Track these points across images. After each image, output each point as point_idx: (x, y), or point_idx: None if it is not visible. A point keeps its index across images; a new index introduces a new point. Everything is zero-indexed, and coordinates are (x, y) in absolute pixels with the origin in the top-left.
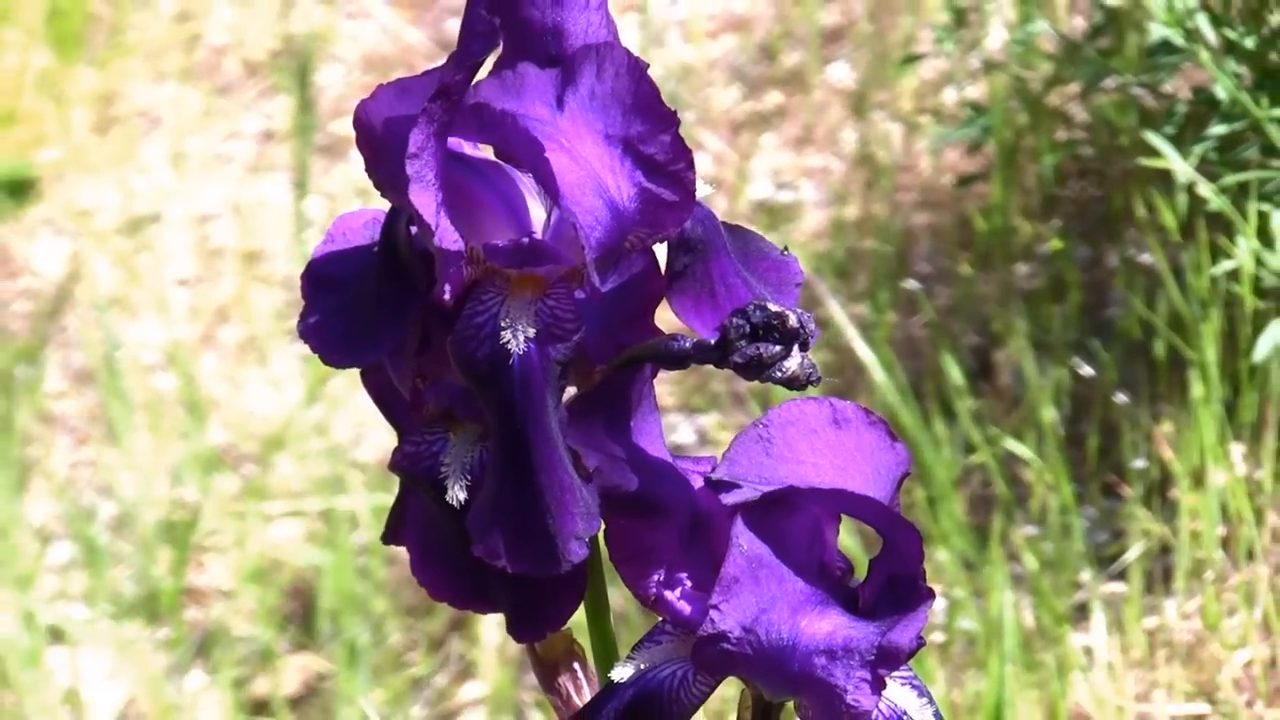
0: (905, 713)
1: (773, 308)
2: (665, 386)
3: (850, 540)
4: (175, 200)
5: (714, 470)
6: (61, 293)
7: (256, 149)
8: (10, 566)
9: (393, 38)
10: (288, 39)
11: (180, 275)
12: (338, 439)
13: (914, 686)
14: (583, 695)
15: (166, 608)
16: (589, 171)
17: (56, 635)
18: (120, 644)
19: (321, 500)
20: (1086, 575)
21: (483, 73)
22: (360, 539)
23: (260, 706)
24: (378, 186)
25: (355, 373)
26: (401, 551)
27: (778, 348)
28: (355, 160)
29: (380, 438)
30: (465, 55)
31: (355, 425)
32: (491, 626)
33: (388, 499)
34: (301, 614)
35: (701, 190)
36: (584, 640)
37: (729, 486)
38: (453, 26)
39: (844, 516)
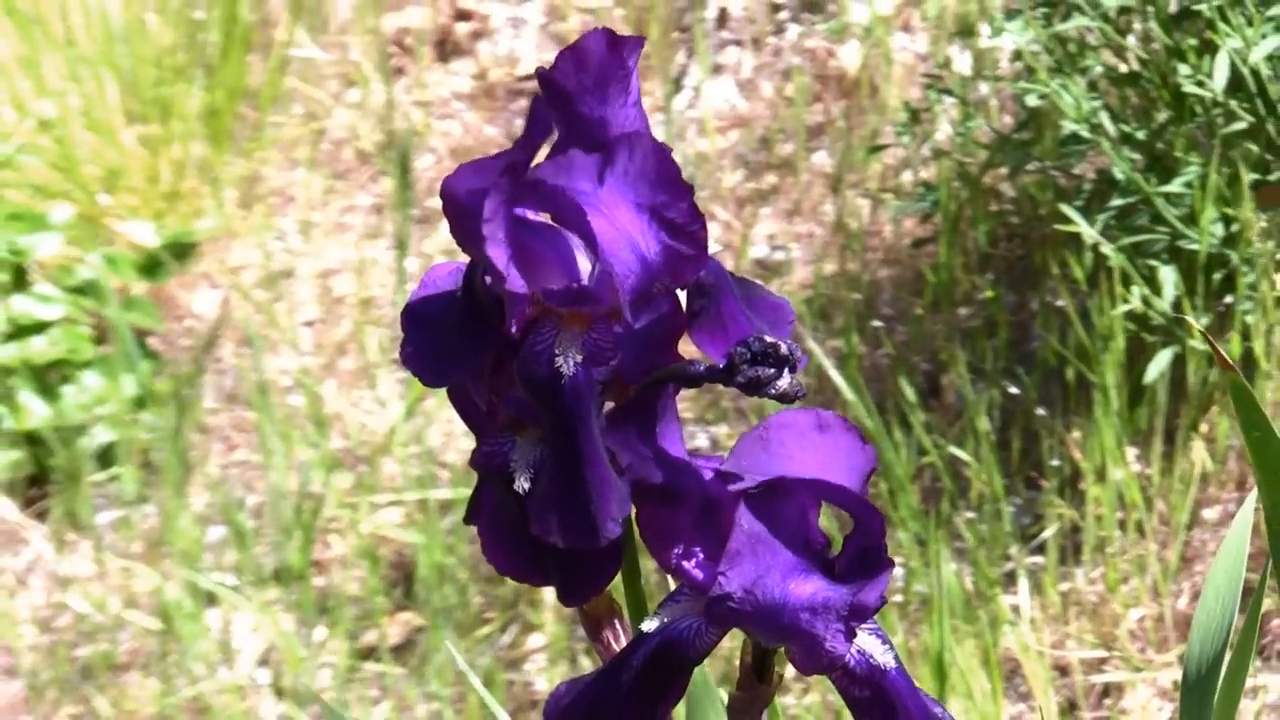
0: (871, 655)
1: (769, 339)
2: (685, 404)
3: (828, 522)
4: (304, 260)
5: (722, 464)
6: (215, 332)
7: (367, 220)
8: (176, 545)
9: (474, 133)
10: (391, 134)
11: (308, 318)
12: (430, 445)
13: (878, 636)
14: (620, 643)
15: (297, 576)
16: (623, 232)
17: (212, 599)
18: (261, 605)
19: (417, 493)
20: (1014, 550)
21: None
22: (448, 524)
23: (369, 653)
24: (459, 244)
25: (444, 394)
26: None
27: (772, 370)
28: (444, 229)
29: (462, 444)
30: (528, 141)
31: (443, 435)
32: (550, 592)
33: (469, 492)
34: (402, 582)
35: (711, 248)
36: (621, 600)
37: (734, 477)
38: (520, 125)
39: (824, 502)
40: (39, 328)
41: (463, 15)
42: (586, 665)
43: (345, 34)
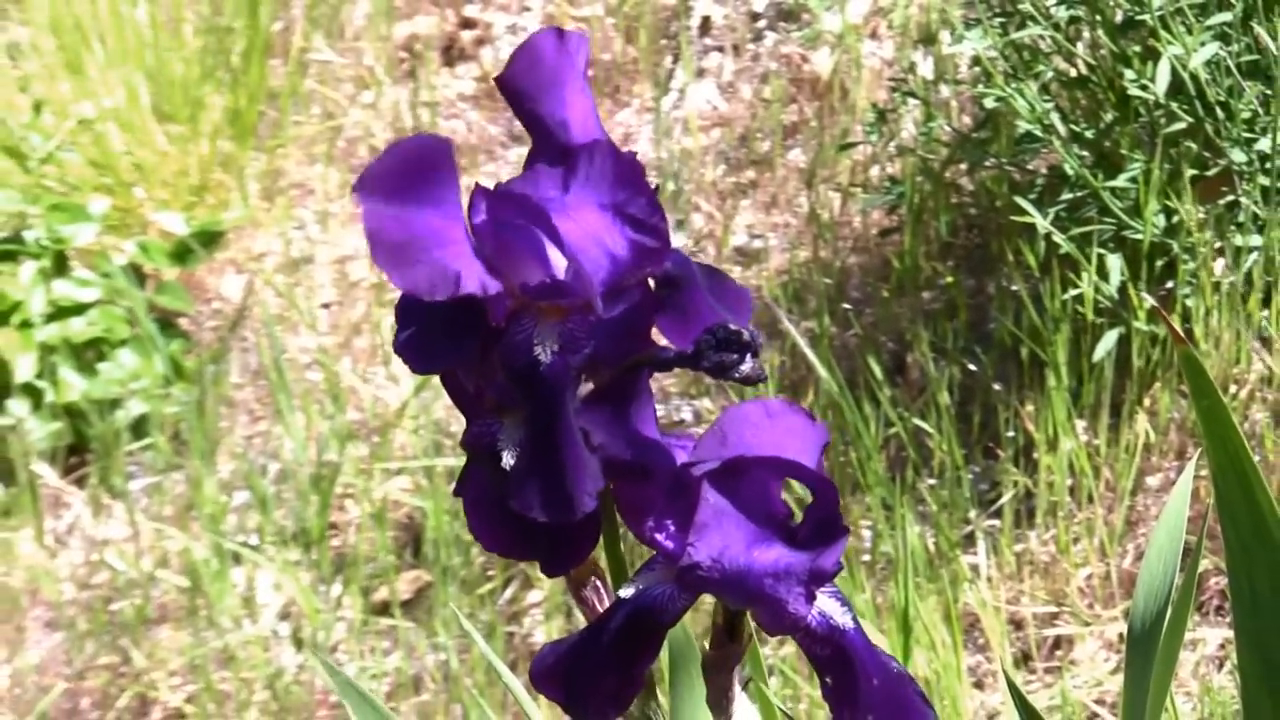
0: (831, 617)
1: (732, 327)
2: (671, 380)
3: (788, 497)
4: (322, 247)
5: (688, 455)
6: (240, 313)
7: None
8: (204, 509)
9: (477, 132)
10: (401, 133)
11: (325, 300)
12: (437, 418)
13: (837, 598)
14: (602, 602)
15: (315, 538)
16: (589, 231)
17: (237, 559)
18: (282, 564)
19: (425, 462)
20: (973, 514)
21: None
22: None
23: (382, 608)
24: None
25: None
26: None
27: (735, 355)
28: None
29: None
30: None
31: (448, 409)
32: None
33: None
34: (412, 543)
35: (695, 237)
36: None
37: (698, 465)
38: (519, 125)
39: (783, 479)
40: (78, 309)
41: (467, 23)
42: (580, 620)
43: (359, 40)
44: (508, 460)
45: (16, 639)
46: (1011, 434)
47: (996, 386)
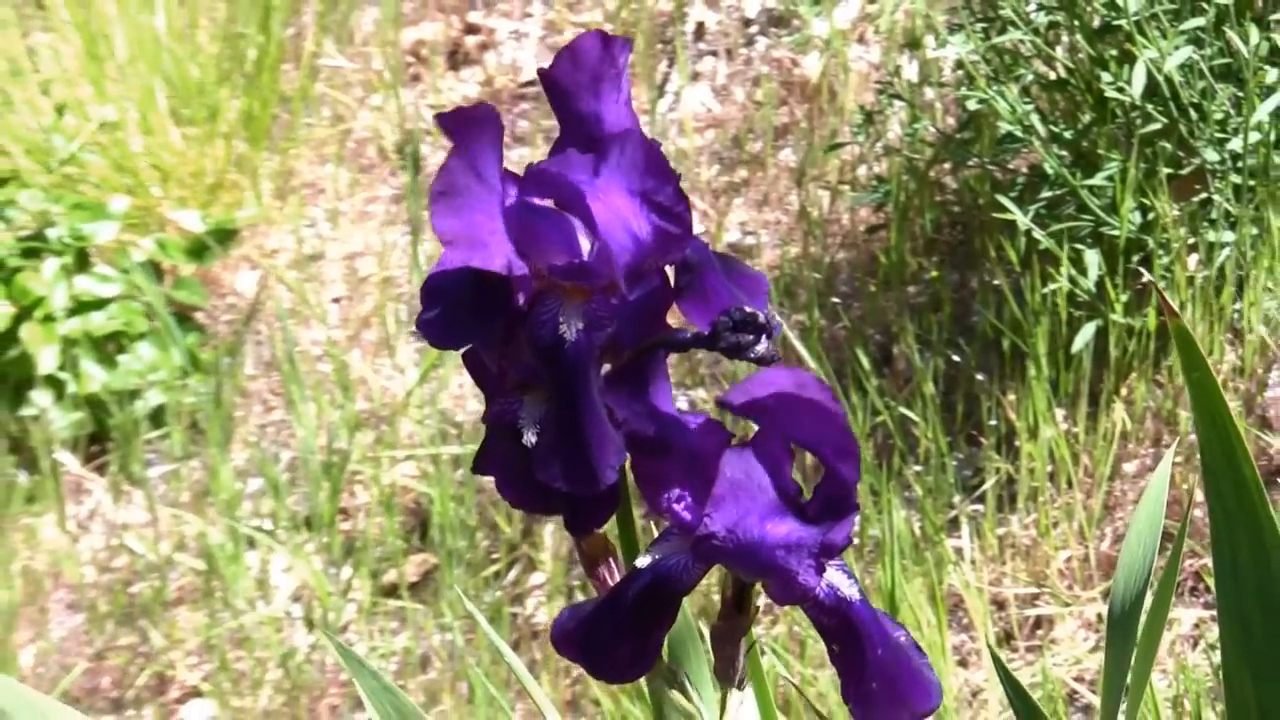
0: (839, 589)
1: (748, 309)
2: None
3: (798, 475)
4: (332, 244)
5: (728, 396)
6: (254, 308)
7: (388, 209)
8: (219, 495)
9: None
10: (408, 134)
11: (335, 295)
12: (442, 407)
13: (844, 571)
14: (615, 578)
15: (325, 523)
16: (618, 214)
17: (251, 543)
18: (294, 547)
19: (431, 449)
20: (957, 499)
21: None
22: (458, 476)
23: (390, 589)
24: None
25: (455, 362)
26: (486, 482)
27: (751, 336)
28: None
29: (470, 406)
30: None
31: (453, 399)
32: (549, 536)
33: (475, 448)
34: (419, 527)
35: (695, 229)
36: (615, 541)
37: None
38: (522, 125)
39: (801, 445)
40: (99, 304)
41: (471, 29)
42: (581, 600)
43: (368, 46)
44: (528, 437)
45: (40, 620)
46: (994, 422)
47: (979, 377)
